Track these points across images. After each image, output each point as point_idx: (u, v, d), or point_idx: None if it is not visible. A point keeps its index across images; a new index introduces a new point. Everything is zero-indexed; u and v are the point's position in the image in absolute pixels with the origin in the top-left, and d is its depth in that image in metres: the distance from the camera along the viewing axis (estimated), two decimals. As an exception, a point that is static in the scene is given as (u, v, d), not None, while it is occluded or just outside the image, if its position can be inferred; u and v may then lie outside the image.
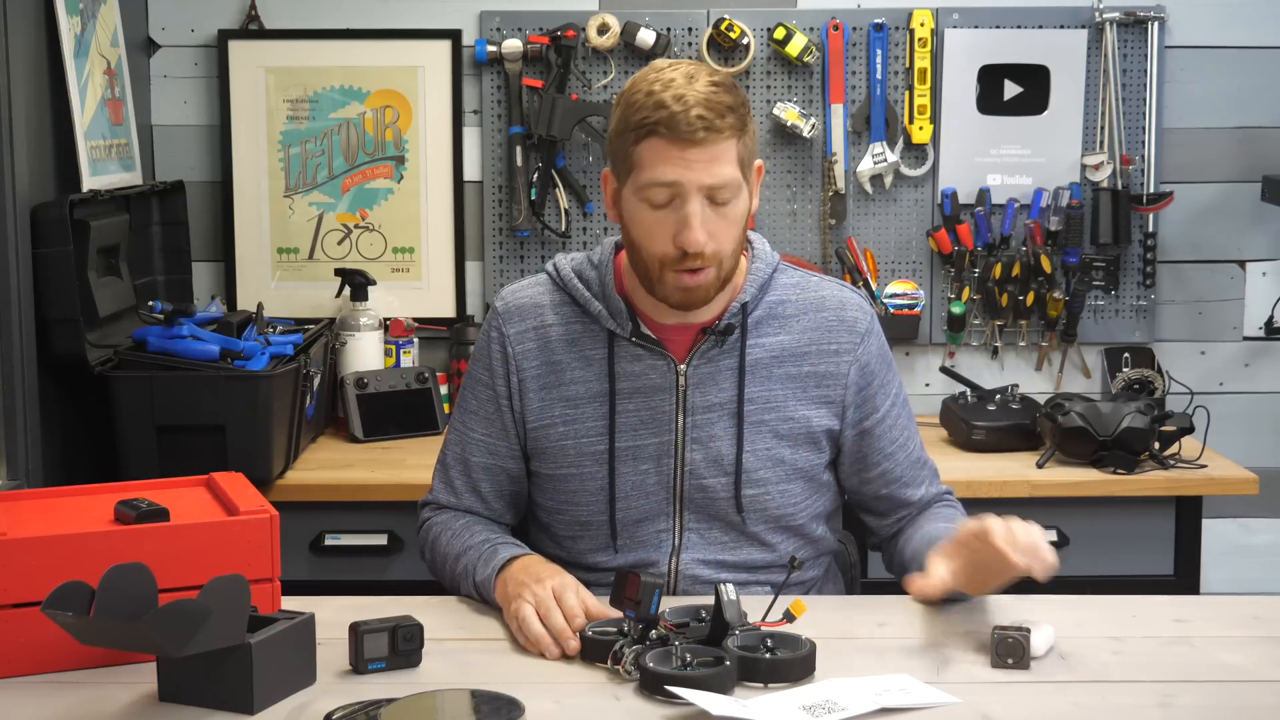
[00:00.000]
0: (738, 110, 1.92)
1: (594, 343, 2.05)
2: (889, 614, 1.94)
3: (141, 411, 2.69)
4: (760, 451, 2.05)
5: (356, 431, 3.12)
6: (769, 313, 2.06)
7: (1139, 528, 2.88)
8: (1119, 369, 3.34)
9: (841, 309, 2.09)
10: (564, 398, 2.05)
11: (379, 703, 1.59)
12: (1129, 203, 3.30)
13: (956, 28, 3.30)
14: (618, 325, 2.03)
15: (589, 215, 3.35)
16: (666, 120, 1.88)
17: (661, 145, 1.89)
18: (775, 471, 2.06)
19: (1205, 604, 2.02)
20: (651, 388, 2.03)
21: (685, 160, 1.88)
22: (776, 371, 2.05)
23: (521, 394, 2.07)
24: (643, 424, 2.04)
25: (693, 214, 1.90)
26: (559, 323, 2.07)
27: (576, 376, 2.05)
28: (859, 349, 2.07)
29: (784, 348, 2.06)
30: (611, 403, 2.04)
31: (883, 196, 3.36)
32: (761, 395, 2.05)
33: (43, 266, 2.60)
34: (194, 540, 1.75)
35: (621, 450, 2.04)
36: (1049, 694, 1.67)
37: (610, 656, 1.70)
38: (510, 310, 2.09)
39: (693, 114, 1.87)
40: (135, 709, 1.61)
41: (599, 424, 2.04)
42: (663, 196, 1.91)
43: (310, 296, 3.35)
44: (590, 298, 2.04)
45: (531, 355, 2.07)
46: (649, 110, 1.89)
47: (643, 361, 2.03)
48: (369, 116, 3.34)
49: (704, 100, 1.88)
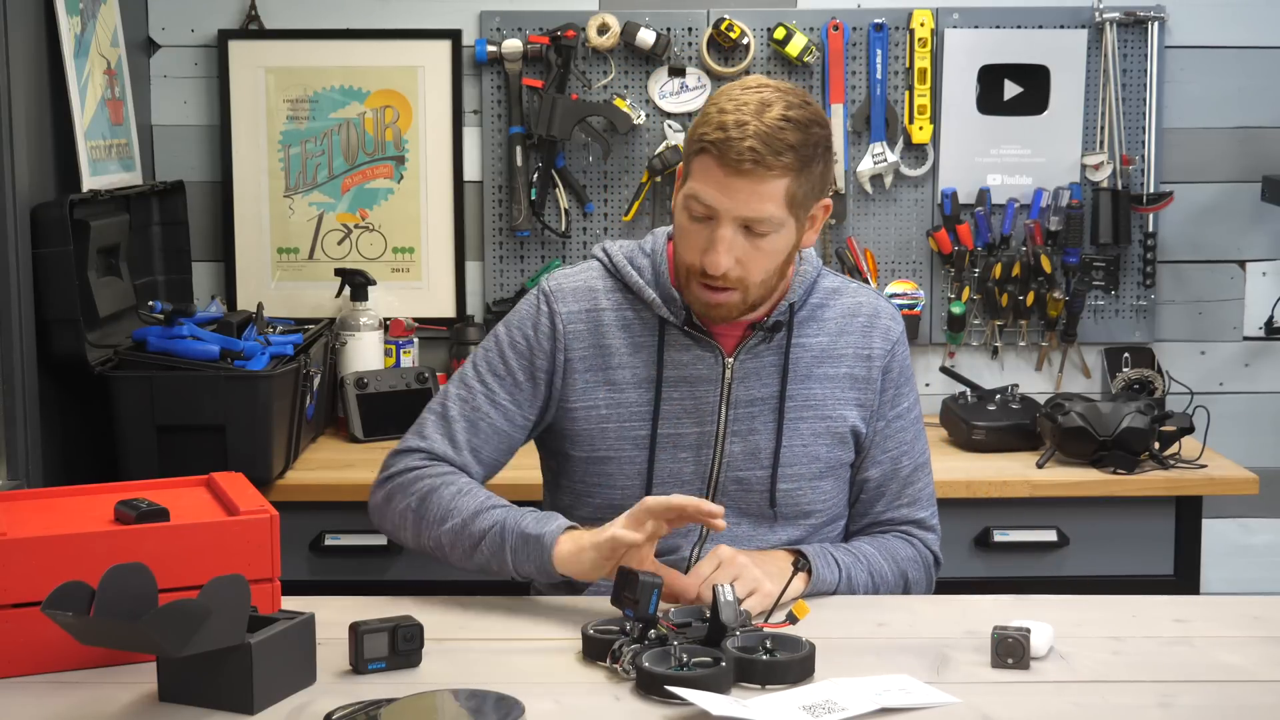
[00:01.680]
0: (800, 150, 1.91)
1: (645, 329, 2.08)
2: (889, 614, 1.94)
3: (141, 411, 2.69)
4: (797, 448, 2.08)
5: (356, 431, 3.12)
6: (811, 315, 2.11)
7: (1139, 528, 2.88)
8: (1119, 369, 3.34)
9: (876, 316, 2.13)
10: (609, 381, 2.07)
11: (379, 703, 1.59)
12: (1129, 203, 3.30)
13: (956, 28, 3.31)
14: (671, 314, 2.05)
15: (589, 215, 3.35)
16: (720, 143, 1.89)
17: (711, 165, 1.91)
18: (810, 468, 2.09)
19: (1205, 604, 2.02)
20: (698, 378, 2.06)
21: (728, 187, 1.90)
22: (817, 371, 2.10)
23: (566, 373, 2.08)
24: (686, 413, 2.07)
25: (721, 239, 1.93)
26: (611, 307, 2.09)
27: (625, 361, 2.07)
28: (888, 359, 2.12)
29: (823, 349, 2.10)
30: (658, 389, 2.06)
31: (883, 196, 3.36)
32: (802, 393, 2.09)
33: (43, 266, 2.60)
34: (194, 540, 1.75)
35: (663, 437, 2.07)
36: (1049, 694, 1.67)
37: (609, 655, 1.70)
38: (564, 291, 2.10)
39: (745, 145, 1.88)
40: (135, 709, 1.61)
41: (643, 409, 2.07)
42: (700, 212, 1.94)
43: (310, 296, 3.35)
44: (644, 285, 2.07)
45: (582, 336, 2.08)
46: (711, 128, 1.91)
47: (691, 352, 2.07)
48: (369, 116, 3.34)
49: (764, 134, 1.89)
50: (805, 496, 2.10)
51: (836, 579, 2.02)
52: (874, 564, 2.09)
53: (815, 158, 1.93)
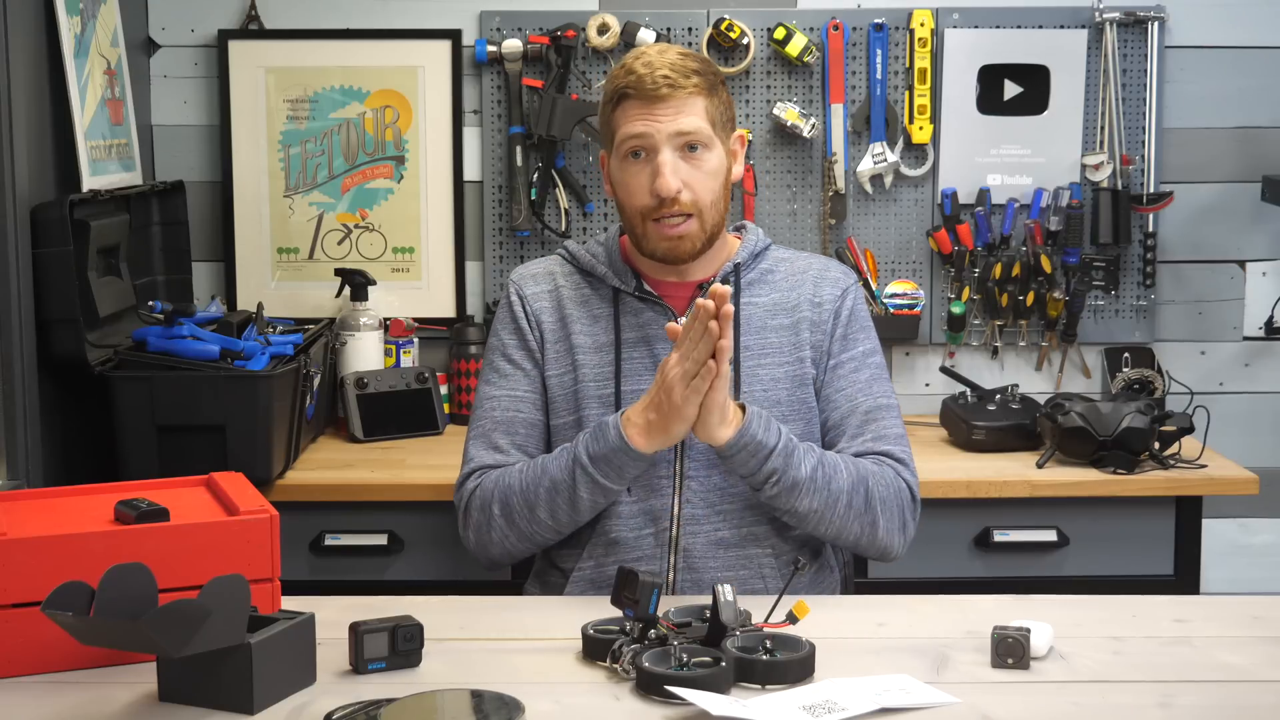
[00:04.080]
0: (704, 74, 2.14)
1: (600, 301, 2.24)
2: (889, 614, 1.94)
3: (141, 411, 2.69)
4: (757, 393, 2.17)
5: (356, 431, 3.12)
6: (760, 278, 2.25)
7: (1139, 528, 2.88)
8: (1119, 369, 3.34)
9: (825, 270, 2.28)
10: (573, 347, 2.22)
11: (379, 703, 1.59)
12: (1129, 203, 3.30)
13: (956, 28, 3.31)
14: (621, 282, 2.22)
15: (589, 215, 3.35)
16: (635, 83, 2.12)
17: (633, 106, 2.12)
18: (775, 410, 2.15)
19: (1205, 604, 2.02)
20: (654, 337, 2.20)
21: (652, 115, 2.11)
22: (771, 323, 2.22)
23: (541, 346, 2.25)
24: (646, 370, 2.19)
25: (664, 163, 2.10)
26: (570, 286, 2.27)
27: (585, 329, 2.23)
28: (839, 303, 2.24)
29: (775, 303, 2.23)
30: (617, 351, 2.20)
31: (883, 196, 3.36)
32: (757, 343, 2.21)
33: (43, 266, 2.60)
34: (194, 540, 1.75)
35: (627, 394, 2.17)
36: (1049, 694, 1.67)
37: (609, 655, 1.70)
38: (525, 277, 2.30)
39: (657, 74, 2.11)
40: (135, 709, 1.61)
41: (606, 370, 2.20)
42: (636, 146, 2.12)
43: (310, 296, 3.35)
44: (596, 263, 2.25)
45: (547, 313, 2.25)
46: (620, 78, 2.14)
47: (644, 315, 2.21)
48: (369, 116, 3.34)
49: (669, 64, 2.12)
50: None
51: (775, 441, 2.03)
52: (827, 457, 2.09)
53: (718, 85, 2.17)
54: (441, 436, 3.19)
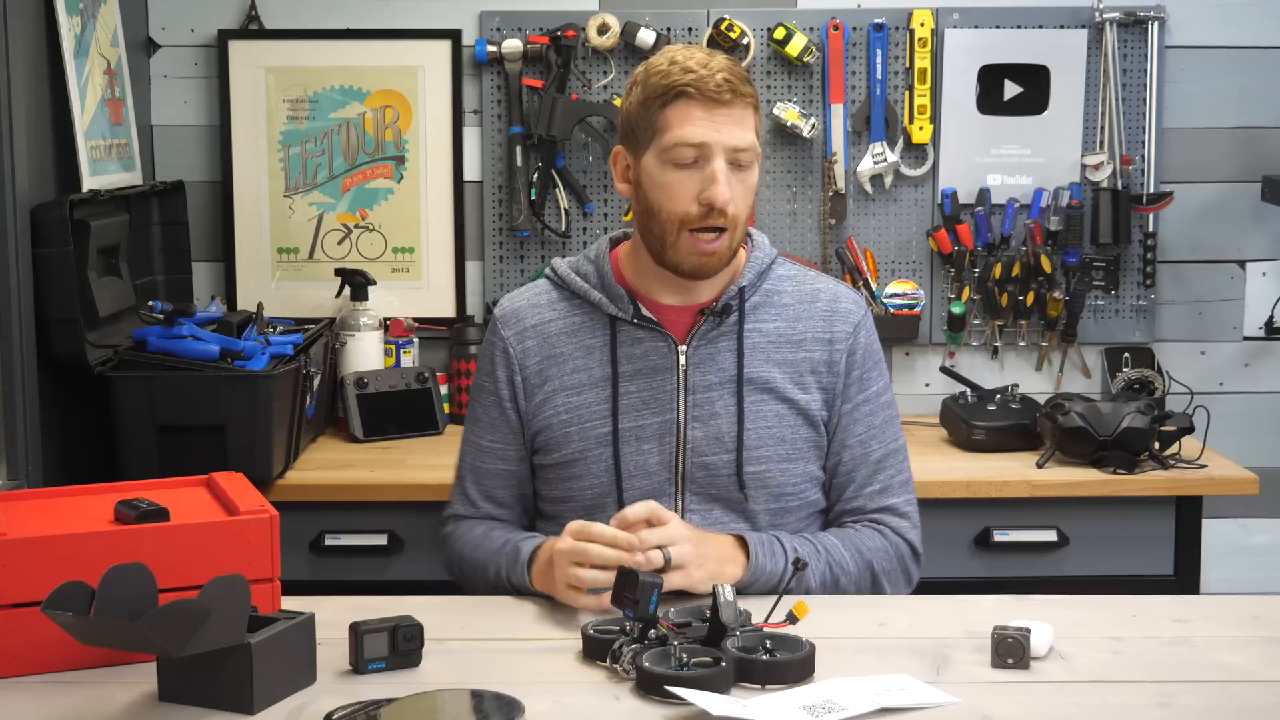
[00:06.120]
0: (752, 85, 2.04)
1: (594, 330, 2.12)
2: (889, 614, 1.94)
3: (141, 411, 2.69)
4: (762, 430, 2.09)
5: (356, 431, 3.12)
6: (765, 300, 2.13)
7: (1139, 528, 2.88)
8: (1119, 369, 3.34)
9: (836, 301, 2.16)
10: (566, 386, 2.11)
11: (379, 703, 1.59)
12: (1129, 203, 3.30)
13: (956, 28, 3.31)
14: (618, 309, 2.09)
15: (589, 215, 3.35)
16: (696, 82, 1.97)
17: (691, 107, 1.98)
18: (777, 449, 2.10)
19: (1205, 604, 2.02)
20: (653, 368, 2.09)
21: (713, 121, 1.98)
22: (774, 355, 2.12)
23: (526, 392, 2.14)
24: (645, 404, 2.09)
25: (719, 171, 1.98)
26: (558, 317, 2.14)
27: (579, 365, 2.11)
28: (851, 340, 2.14)
29: (780, 333, 2.12)
30: (614, 385, 2.09)
31: (883, 196, 3.36)
32: (761, 376, 2.10)
33: (43, 266, 2.60)
34: (194, 540, 1.75)
35: (625, 431, 2.09)
36: (1049, 694, 1.67)
37: (609, 655, 1.70)
38: (508, 315, 2.17)
39: (719, 78, 1.98)
40: (135, 709, 1.61)
41: (602, 407, 2.10)
42: (689, 156, 1.99)
43: (310, 296, 3.35)
44: (589, 288, 2.12)
45: (532, 353, 2.13)
46: (677, 75, 1.99)
47: (643, 344, 2.10)
48: (369, 116, 3.34)
49: (727, 68, 2.00)
50: (775, 479, 2.10)
51: (782, 568, 2.00)
52: (834, 555, 2.07)
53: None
54: (441, 436, 3.19)
